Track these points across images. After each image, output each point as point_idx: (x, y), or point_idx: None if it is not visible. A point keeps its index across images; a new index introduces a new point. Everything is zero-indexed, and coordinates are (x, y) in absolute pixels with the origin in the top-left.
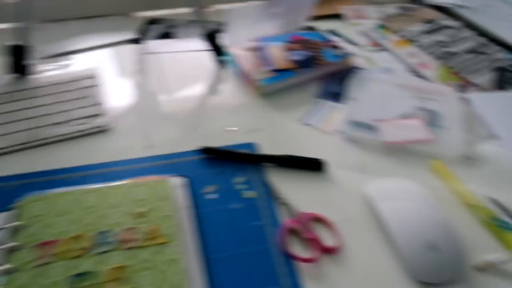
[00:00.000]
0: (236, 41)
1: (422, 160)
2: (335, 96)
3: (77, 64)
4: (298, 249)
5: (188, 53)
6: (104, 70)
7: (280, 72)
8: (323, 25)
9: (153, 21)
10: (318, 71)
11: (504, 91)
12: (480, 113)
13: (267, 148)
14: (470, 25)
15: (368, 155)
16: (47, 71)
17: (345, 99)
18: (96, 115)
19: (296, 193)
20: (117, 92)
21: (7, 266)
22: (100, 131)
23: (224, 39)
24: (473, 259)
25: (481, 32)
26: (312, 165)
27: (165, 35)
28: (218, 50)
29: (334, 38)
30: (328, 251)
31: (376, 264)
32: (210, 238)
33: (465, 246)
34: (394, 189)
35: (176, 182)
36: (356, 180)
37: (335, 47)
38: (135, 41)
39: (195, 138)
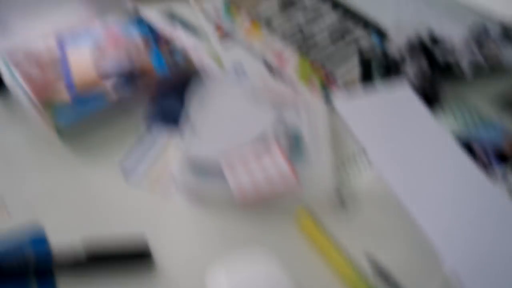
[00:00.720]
0: (14, 44)
1: (286, 211)
2: (172, 119)
3: None
4: None
5: None
6: None
7: (86, 94)
8: (158, 6)
9: None
10: (144, 86)
11: (372, 86)
12: (349, 125)
13: (64, 236)
14: None
15: (217, 219)
16: None
17: (185, 123)
18: None
19: None
20: None
21: None
22: None
23: None
24: None
25: (342, 8)
26: (131, 261)
27: None
28: None
29: (170, 27)
30: None
31: None
32: None
33: None
34: (241, 283)
35: None
36: (197, 271)
37: (168, 45)
38: None
39: None
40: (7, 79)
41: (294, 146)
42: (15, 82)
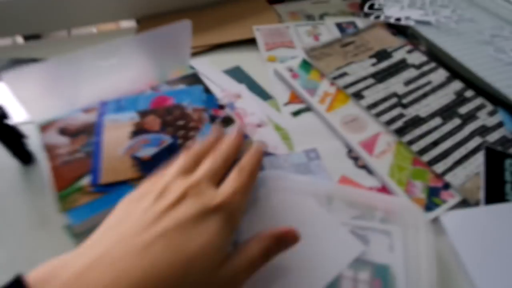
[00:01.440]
0: (53, 112)
1: None
2: None
3: None
4: None
5: None
6: None
7: (112, 188)
8: (223, 61)
9: None
10: None
11: (502, 196)
12: (463, 258)
13: None
14: (438, 59)
15: None
16: None
17: None
18: None
19: None
20: None
21: None
22: None
23: (20, 113)
24: None
25: (455, 72)
26: None
27: None
28: (12, 139)
29: (234, 87)
30: None
31: None
32: None
33: None
34: None
35: None
36: None
37: (227, 120)
38: None
39: None
40: (36, 149)
41: None
42: (42, 155)
